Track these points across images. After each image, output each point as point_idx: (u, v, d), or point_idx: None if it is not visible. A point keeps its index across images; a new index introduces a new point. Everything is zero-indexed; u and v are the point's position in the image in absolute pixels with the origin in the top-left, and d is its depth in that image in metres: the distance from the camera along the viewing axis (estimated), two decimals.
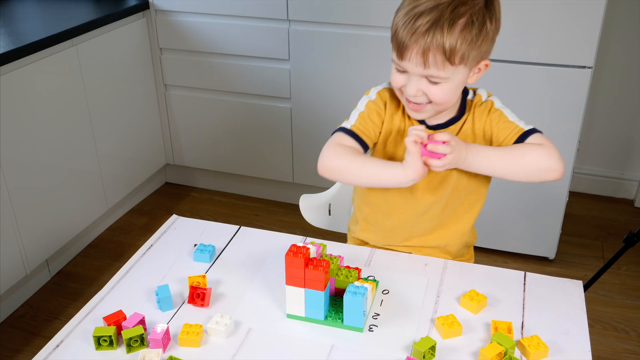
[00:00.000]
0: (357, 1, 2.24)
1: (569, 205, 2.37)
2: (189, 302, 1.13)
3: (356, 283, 1.06)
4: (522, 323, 1.09)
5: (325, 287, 1.05)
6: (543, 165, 1.16)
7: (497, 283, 1.18)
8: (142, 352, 0.99)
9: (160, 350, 1.00)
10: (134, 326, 1.04)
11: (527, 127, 1.20)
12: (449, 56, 1.07)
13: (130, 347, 1.02)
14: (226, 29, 2.47)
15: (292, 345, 1.04)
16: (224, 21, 2.46)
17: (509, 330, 1.04)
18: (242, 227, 1.37)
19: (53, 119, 2.17)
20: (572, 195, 2.76)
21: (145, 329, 1.06)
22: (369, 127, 1.24)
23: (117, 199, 2.58)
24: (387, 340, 1.05)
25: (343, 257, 1.18)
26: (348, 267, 1.12)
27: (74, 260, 2.43)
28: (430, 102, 1.15)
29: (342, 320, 1.07)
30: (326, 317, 1.08)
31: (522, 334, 1.06)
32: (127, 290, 1.18)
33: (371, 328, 1.07)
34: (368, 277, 1.19)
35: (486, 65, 1.17)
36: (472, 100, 1.24)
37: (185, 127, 2.75)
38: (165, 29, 2.55)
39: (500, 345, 1.00)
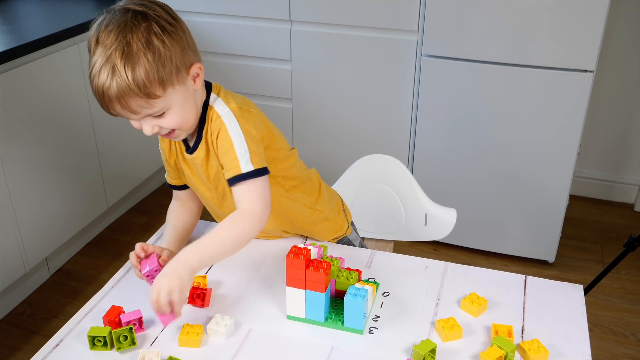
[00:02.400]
0: (359, 2, 2.24)
1: (569, 208, 2.37)
2: (189, 302, 1.12)
3: (357, 285, 1.06)
4: (523, 326, 1.09)
5: (325, 288, 1.05)
6: (247, 237, 1.10)
7: (497, 286, 1.18)
8: (142, 352, 0.99)
9: (160, 350, 1.00)
10: (130, 321, 1.04)
11: (245, 169, 1.10)
12: (147, 94, 1.03)
13: (119, 344, 1.01)
14: (228, 29, 2.46)
15: (292, 346, 1.04)
16: (226, 21, 2.46)
17: (510, 334, 1.04)
18: None
19: (54, 117, 2.17)
20: (572, 198, 2.76)
21: (142, 328, 1.06)
22: (169, 169, 1.28)
23: (117, 197, 2.57)
24: (388, 343, 1.05)
25: (344, 259, 1.18)
26: (349, 268, 1.12)
27: (73, 258, 2.43)
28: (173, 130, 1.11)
29: (343, 322, 1.07)
30: (326, 319, 1.08)
31: (522, 337, 1.06)
32: (127, 290, 1.18)
33: (371, 330, 1.07)
34: (369, 279, 1.18)
35: (200, 69, 1.10)
36: (211, 109, 1.15)
37: None
38: None
39: (501, 348, 0.99)
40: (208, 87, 1.17)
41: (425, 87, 2.22)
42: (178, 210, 1.32)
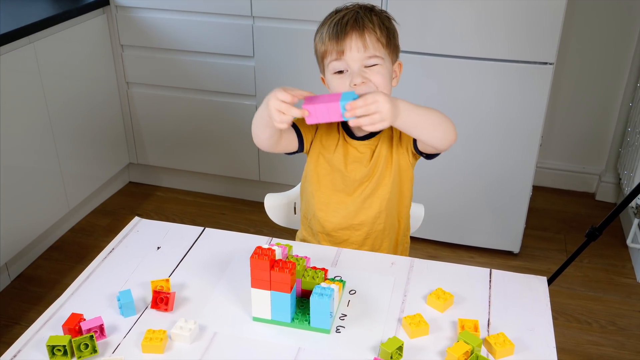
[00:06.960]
0: None
1: (532, 199, 2.41)
2: (152, 307, 1.10)
3: (323, 284, 1.05)
4: (488, 320, 1.09)
5: (291, 289, 1.04)
6: (445, 132, 1.23)
7: (463, 281, 1.19)
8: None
9: (123, 357, 0.98)
10: (91, 329, 1.01)
11: None
12: (380, 35, 1.22)
13: (80, 352, 0.99)
14: (189, 25, 2.43)
15: (259, 348, 1.03)
16: (187, 17, 2.42)
17: (475, 329, 1.05)
18: (206, 228, 1.35)
19: (10, 118, 2.11)
20: (536, 189, 2.80)
21: (104, 335, 1.04)
22: (306, 128, 1.35)
23: (79, 199, 2.52)
24: (355, 341, 1.04)
25: (309, 258, 1.17)
26: (314, 268, 1.11)
27: (34, 263, 2.37)
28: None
29: (309, 322, 1.06)
30: (293, 320, 1.07)
31: (488, 331, 1.07)
32: (88, 296, 1.14)
33: (338, 329, 1.07)
34: (335, 277, 1.18)
35: (400, 66, 1.31)
36: None
37: (148, 126, 2.71)
38: (126, 25, 2.50)
39: (467, 343, 1.00)
40: None
41: None
42: None
